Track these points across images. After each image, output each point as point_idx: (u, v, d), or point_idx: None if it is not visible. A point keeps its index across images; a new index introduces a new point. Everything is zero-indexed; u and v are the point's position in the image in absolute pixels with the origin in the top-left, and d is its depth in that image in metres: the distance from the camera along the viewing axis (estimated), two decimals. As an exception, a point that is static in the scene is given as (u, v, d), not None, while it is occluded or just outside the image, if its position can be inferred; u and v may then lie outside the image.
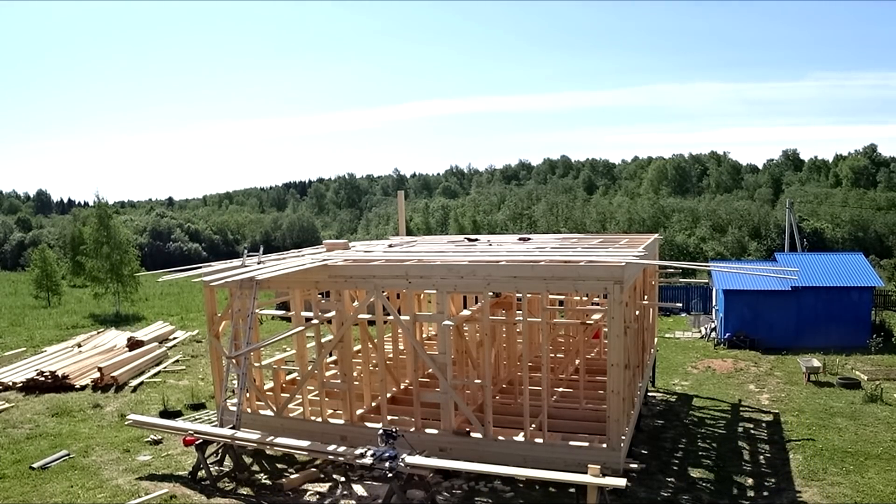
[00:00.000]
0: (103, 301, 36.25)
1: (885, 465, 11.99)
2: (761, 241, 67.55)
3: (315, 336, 12.78)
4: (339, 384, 12.41)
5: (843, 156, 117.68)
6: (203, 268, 13.47)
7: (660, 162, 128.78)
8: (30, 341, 25.76)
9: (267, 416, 12.90)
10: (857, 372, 18.62)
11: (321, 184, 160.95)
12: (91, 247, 35.80)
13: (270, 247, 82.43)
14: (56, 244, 70.89)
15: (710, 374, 19.15)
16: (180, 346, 24.04)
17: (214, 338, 13.39)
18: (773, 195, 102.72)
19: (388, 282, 11.76)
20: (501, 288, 11.26)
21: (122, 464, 12.57)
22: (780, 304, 22.59)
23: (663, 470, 11.99)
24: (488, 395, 11.45)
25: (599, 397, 12.87)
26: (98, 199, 37.23)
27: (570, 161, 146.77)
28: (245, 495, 11.04)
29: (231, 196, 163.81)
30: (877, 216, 80.00)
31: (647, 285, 15.20)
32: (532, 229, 74.58)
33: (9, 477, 12.01)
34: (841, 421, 14.46)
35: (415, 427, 11.63)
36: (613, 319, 10.28)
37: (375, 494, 10.79)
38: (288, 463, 12.41)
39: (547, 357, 11.45)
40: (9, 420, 15.52)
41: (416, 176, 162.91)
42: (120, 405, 16.63)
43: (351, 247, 15.94)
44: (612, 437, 10.50)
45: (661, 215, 79.90)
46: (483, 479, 11.24)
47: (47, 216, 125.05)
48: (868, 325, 22.47)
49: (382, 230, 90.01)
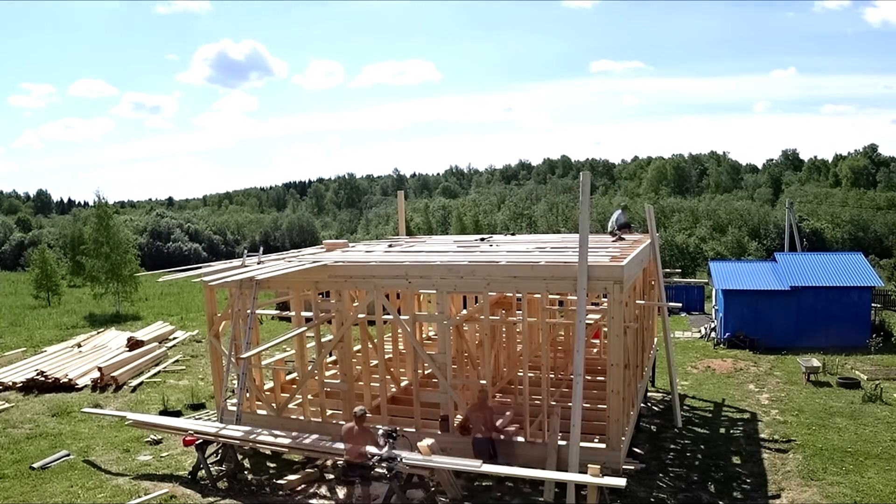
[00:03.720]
0: (103, 301, 36.24)
1: (884, 464, 11.99)
2: (761, 241, 67.54)
3: (315, 336, 12.78)
4: (339, 384, 12.42)
5: (842, 156, 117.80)
6: (203, 268, 13.48)
7: (659, 162, 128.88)
8: (29, 341, 25.74)
9: (267, 416, 12.90)
10: (857, 372, 18.63)
11: (321, 184, 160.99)
12: (91, 247, 35.80)
13: (270, 247, 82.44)
14: (56, 244, 70.86)
15: (710, 374, 19.15)
16: (180, 347, 24.04)
17: (214, 338, 13.40)
18: (773, 195, 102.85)
19: (388, 282, 11.76)
20: (501, 288, 11.27)
21: (121, 464, 12.57)
22: (780, 304, 22.59)
23: (663, 470, 12.00)
24: (488, 395, 11.46)
25: (599, 397, 12.87)
26: (98, 199, 37.26)
27: (570, 161, 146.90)
28: (245, 496, 11.05)
29: (231, 196, 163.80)
30: (876, 216, 80.00)
31: (646, 285, 15.22)
32: (532, 229, 74.57)
33: (9, 477, 12.02)
34: (840, 421, 14.46)
35: (415, 427, 11.64)
36: (613, 319, 10.28)
37: (375, 494, 10.79)
38: (288, 464, 12.42)
39: (547, 357, 11.47)
40: (9, 420, 15.52)
41: (415, 176, 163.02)
42: (120, 405, 16.63)
43: (351, 247, 15.96)
44: (611, 436, 10.50)
45: (661, 215, 79.85)
46: (483, 479, 11.24)
47: (47, 216, 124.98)
48: (868, 325, 22.47)
49: (382, 230, 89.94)
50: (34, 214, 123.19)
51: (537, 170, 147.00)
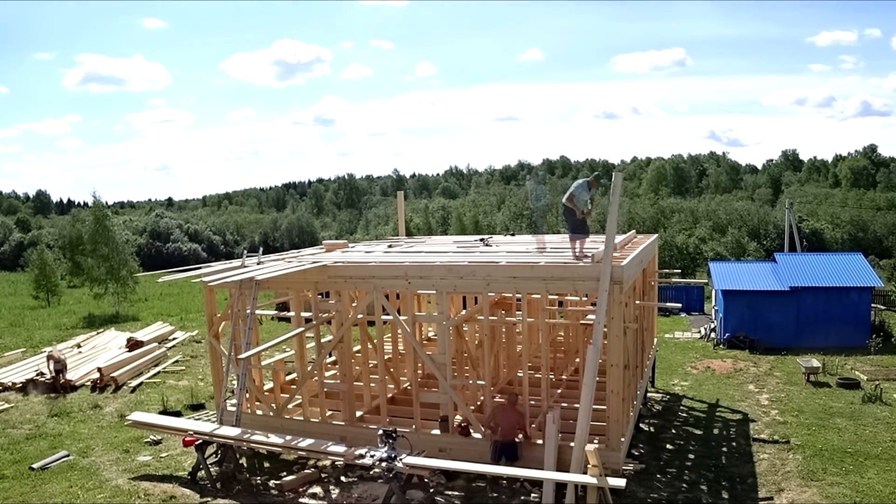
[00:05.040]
0: (103, 302, 36.23)
1: (884, 465, 11.99)
2: (761, 242, 67.52)
3: (315, 336, 12.78)
4: (339, 384, 12.41)
5: (842, 156, 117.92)
6: (202, 268, 13.47)
7: (659, 162, 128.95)
8: (29, 342, 25.74)
9: (266, 417, 12.90)
10: (857, 372, 18.63)
11: (320, 184, 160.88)
12: (89, 247, 35.77)
13: (269, 247, 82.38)
14: (55, 245, 70.78)
15: (710, 375, 19.15)
16: (180, 347, 24.02)
17: (214, 338, 13.40)
18: (773, 195, 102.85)
19: (388, 282, 11.76)
20: (501, 288, 11.26)
21: (121, 464, 12.56)
22: (780, 305, 22.59)
23: (663, 470, 12.00)
24: (488, 395, 11.46)
25: (599, 398, 12.85)
26: (95, 200, 37.25)
27: (569, 161, 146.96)
28: (244, 496, 11.04)
29: (230, 196, 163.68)
30: (876, 216, 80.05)
31: (646, 286, 15.22)
32: (532, 229, 74.58)
33: (8, 477, 12.01)
34: (840, 421, 14.46)
35: (414, 427, 11.63)
36: (613, 320, 10.28)
37: (375, 495, 10.78)
38: (288, 464, 12.41)
39: (546, 357, 11.46)
40: (8, 420, 15.51)
41: (415, 176, 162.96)
42: (119, 405, 16.62)
43: (351, 247, 15.96)
44: (611, 437, 10.50)
45: (661, 216, 79.87)
46: (483, 479, 11.23)
47: (46, 217, 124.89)
48: (868, 326, 22.47)
49: (382, 231, 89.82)
50: (33, 215, 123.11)
51: (537, 170, 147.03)
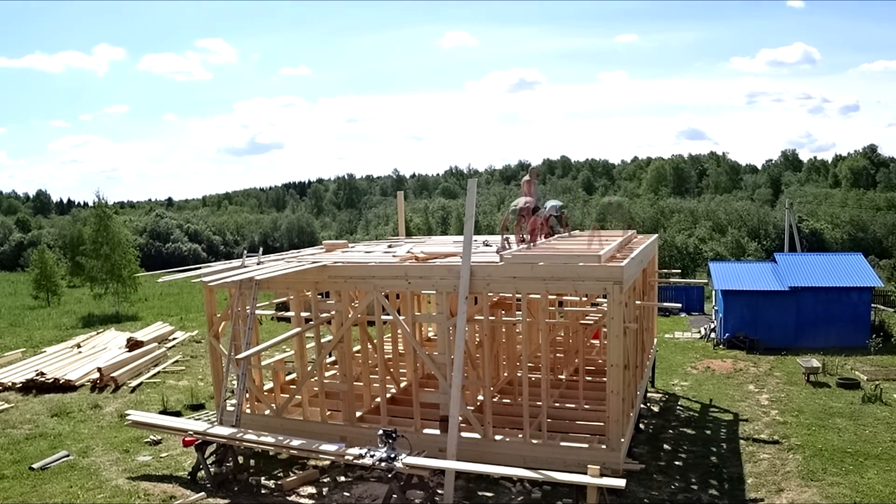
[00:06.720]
0: (103, 302, 36.27)
1: (884, 465, 11.99)
2: (760, 242, 67.56)
3: (315, 336, 12.78)
4: (339, 385, 12.41)
5: (842, 156, 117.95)
6: (202, 268, 13.47)
7: (658, 162, 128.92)
8: (29, 342, 25.74)
9: (266, 417, 12.90)
10: (857, 372, 18.63)
11: (320, 184, 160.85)
12: (90, 247, 35.80)
13: (269, 247, 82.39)
14: (55, 245, 70.84)
15: (710, 375, 19.15)
16: (179, 347, 24.02)
17: (214, 338, 13.39)
18: (773, 195, 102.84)
19: (388, 282, 11.76)
20: (501, 288, 11.25)
21: (121, 464, 12.56)
22: (780, 305, 22.59)
23: (663, 470, 12.00)
24: (488, 395, 11.45)
25: (599, 398, 12.87)
26: (98, 199, 37.30)
27: (569, 161, 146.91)
28: (244, 496, 11.04)
29: (230, 197, 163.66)
30: (876, 217, 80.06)
31: (646, 286, 15.22)
32: (532, 229, 74.50)
33: (8, 477, 12.01)
34: (840, 421, 14.46)
35: (414, 427, 11.63)
36: (613, 320, 10.28)
37: (375, 495, 10.78)
38: (288, 464, 12.41)
39: (546, 357, 11.46)
40: (8, 420, 15.51)
41: (415, 176, 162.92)
42: (119, 405, 16.62)
43: (351, 247, 15.96)
44: (611, 437, 10.49)
45: (661, 216, 79.93)
46: (482, 480, 11.24)
47: (47, 217, 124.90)
48: (867, 326, 22.47)
49: (382, 231, 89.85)
50: (34, 215, 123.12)
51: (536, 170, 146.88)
